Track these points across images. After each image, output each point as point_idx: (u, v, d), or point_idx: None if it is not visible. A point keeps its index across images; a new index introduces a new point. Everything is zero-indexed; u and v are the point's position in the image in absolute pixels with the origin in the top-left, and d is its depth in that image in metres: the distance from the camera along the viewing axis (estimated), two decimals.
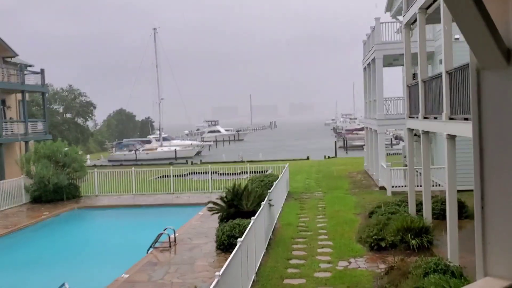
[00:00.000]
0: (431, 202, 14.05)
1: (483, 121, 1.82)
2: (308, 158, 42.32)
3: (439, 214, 14.54)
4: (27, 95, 31.37)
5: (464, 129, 9.71)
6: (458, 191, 11.38)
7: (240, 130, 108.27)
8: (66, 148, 25.12)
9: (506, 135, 1.74)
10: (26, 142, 28.75)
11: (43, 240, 17.86)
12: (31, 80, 30.99)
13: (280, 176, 20.03)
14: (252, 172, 26.68)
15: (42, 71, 31.57)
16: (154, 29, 63.06)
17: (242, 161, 39.89)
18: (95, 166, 37.85)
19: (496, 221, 1.80)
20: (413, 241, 12.04)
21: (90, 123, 74.16)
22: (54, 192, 22.96)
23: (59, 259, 15.32)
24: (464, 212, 14.29)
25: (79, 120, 68.74)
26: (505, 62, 1.72)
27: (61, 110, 68.31)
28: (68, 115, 68.09)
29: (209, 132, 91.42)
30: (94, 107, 71.24)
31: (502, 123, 1.75)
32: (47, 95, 37.59)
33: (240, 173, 27.80)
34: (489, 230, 1.82)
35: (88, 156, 48.94)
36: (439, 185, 19.70)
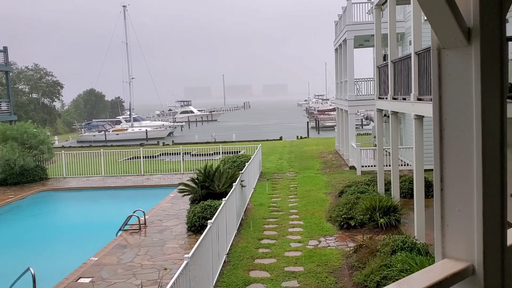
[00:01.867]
0: (399, 181, 14.34)
1: (443, 101, 1.80)
2: (281, 138, 42.50)
3: (407, 193, 14.87)
4: None
5: (431, 110, 9.86)
6: (426, 170, 11.62)
7: (214, 111, 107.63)
8: (34, 130, 24.41)
9: (465, 115, 1.72)
10: None
11: (9, 223, 17.43)
12: None
13: (252, 156, 20.03)
14: (225, 153, 26.61)
15: (5, 49, 30.39)
16: (123, 6, 61.33)
17: (215, 142, 39.74)
18: (63, 147, 37.05)
19: (455, 203, 1.79)
20: (382, 220, 12.28)
21: (57, 104, 72.27)
22: (21, 175, 22.39)
23: (25, 243, 15.01)
24: (431, 191, 14.64)
25: (46, 101, 66.88)
26: (465, 41, 1.69)
27: (26, 90, 66.22)
28: (34, 95, 66.11)
29: (181, 112, 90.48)
30: (62, 87, 69.38)
31: (461, 102, 1.73)
32: (11, 74, 36.28)
33: (212, 154, 27.69)
34: (448, 212, 1.82)
35: (56, 138, 47.80)
36: (408, 164, 20.10)
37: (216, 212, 10.43)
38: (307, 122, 55.52)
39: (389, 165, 14.81)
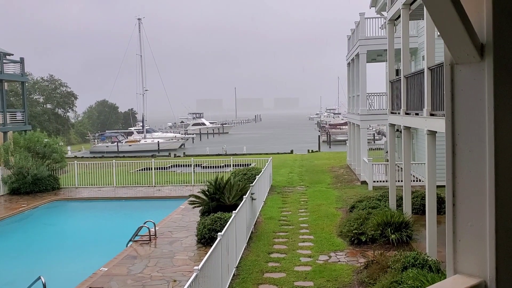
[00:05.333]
0: (411, 197, 14.20)
1: (456, 116, 1.80)
2: (291, 152, 42.43)
3: (419, 209, 14.71)
4: (5, 84, 30.70)
5: (444, 125, 9.79)
6: (438, 186, 11.50)
7: (226, 123, 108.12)
8: (46, 139, 24.71)
9: (478, 130, 1.72)
10: (5, 133, 28.17)
11: (21, 232, 17.58)
12: (10, 69, 30.34)
13: (263, 169, 20.01)
14: (236, 165, 26.63)
15: (21, 60, 30.94)
16: (138, 19, 62.23)
17: (225, 154, 39.82)
18: (75, 157, 37.40)
19: (467, 218, 1.78)
20: (393, 236, 12.15)
21: (71, 114, 73.14)
22: (33, 184, 22.61)
23: (37, 252, 15.10)
24: (443, 208, 14.46)
25: (60, 111, 67.71)
26: (478, 57, 1.70)
27: (41, 100, 67.19)
28: (49, 106, 67.01)
29: (193, 124, 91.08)
30: (76, 98, 70.24)
31: (474, 118, 1.73)
32: (26, 84, 36.92)
33: (223, 166, 27.73)
34: (460, 227, 1.81)
35: (69, 148, 48.36)
36: (420, 180, 19.91)
37: (226, 224, 10.42)
38: (319, 136, 55.40)
39: (401, 181, 14.68)
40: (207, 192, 15.27)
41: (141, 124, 62.37)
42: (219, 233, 9.26)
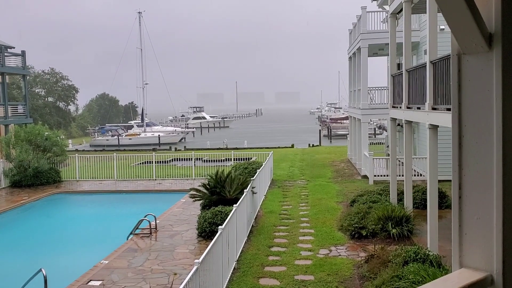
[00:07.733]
0: (412, 191, 14.19)
1: (462, 107, 1.77)
2: (292, 146, 42.42)
3: (420, 204, 14.70)
4: (7, 77, 30.64)
5: (447, 119, 9.76)
6: (439, 181, 11.48)
7: (226, 117, 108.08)
8: (47, 132, 24.70)
9: (485, 122, 1.69)
10: (6, 126, 28.18)
11: (22, 225, 17.60)
12: (11, 62, 30.28)
13: (263, 163, 19.98)
14: (236, 159, 26.62)
15: (23, 53, 30.86)
16: (139, 12, 62.02)
17: (226, 148, 39.81)
18: (76, 150, 37.41)
19: (474, 211, 1.75)
20: (394, 230, 12.14)
21: (72, 107, 73.19)
22: (34, 177, 22.62)
23: (38, 245, 15.13)
24: (444, 202, 14.47)
25: (61, 104, 67.71)
26: (486, 47, 1.66)
27: (42, 93, 67.17)
28: (50, 99, 67.01)
29: (194, 118, 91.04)
30: (77, 91, 70.20)
31: (481, 109, 1.70)
32: (28, 78, 36.86)
33: (224, 160, 27.73)
34: (466, 220, 1.78)
35: (70, 141, 48.36)
36: (421, 174, 19.89)
37: (226, 218, 10.41)
38: (319, 130, 55.34)
39: (402, 175, 14.67)
40: (207, 186, 15.27)
41: (140, 117, 62.34)
42: (219, 227, 9.26)
